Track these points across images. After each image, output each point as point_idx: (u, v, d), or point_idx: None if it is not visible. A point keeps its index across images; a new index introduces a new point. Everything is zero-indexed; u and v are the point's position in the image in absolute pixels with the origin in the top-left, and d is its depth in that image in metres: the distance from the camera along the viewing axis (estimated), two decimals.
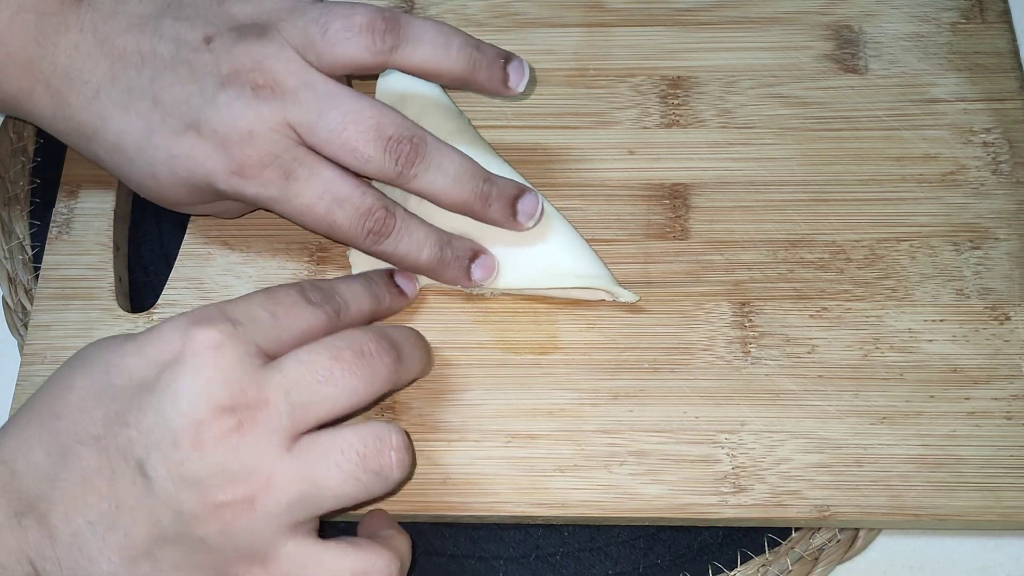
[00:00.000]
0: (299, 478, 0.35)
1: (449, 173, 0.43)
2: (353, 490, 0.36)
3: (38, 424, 0.36)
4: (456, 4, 0.53)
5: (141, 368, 0.36)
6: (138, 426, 0.35)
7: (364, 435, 0.36)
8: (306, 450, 0.36)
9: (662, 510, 0.42)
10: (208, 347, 0.36)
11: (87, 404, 0.36)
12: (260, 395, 0.36)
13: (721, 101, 0.50)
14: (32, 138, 0.53)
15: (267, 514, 0.35)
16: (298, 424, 0.36)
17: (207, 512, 0.35)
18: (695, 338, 0.45)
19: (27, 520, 0.35)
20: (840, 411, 0.43)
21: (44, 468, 0.36)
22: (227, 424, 0.35)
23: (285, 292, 0.39)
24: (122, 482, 0.35)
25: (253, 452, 0.35)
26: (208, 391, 0.35)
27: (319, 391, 0.36)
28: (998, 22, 0.52)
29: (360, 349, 0.37)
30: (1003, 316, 0.45)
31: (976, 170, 0.48)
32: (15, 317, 0.48)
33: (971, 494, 0.41)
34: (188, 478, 0.35)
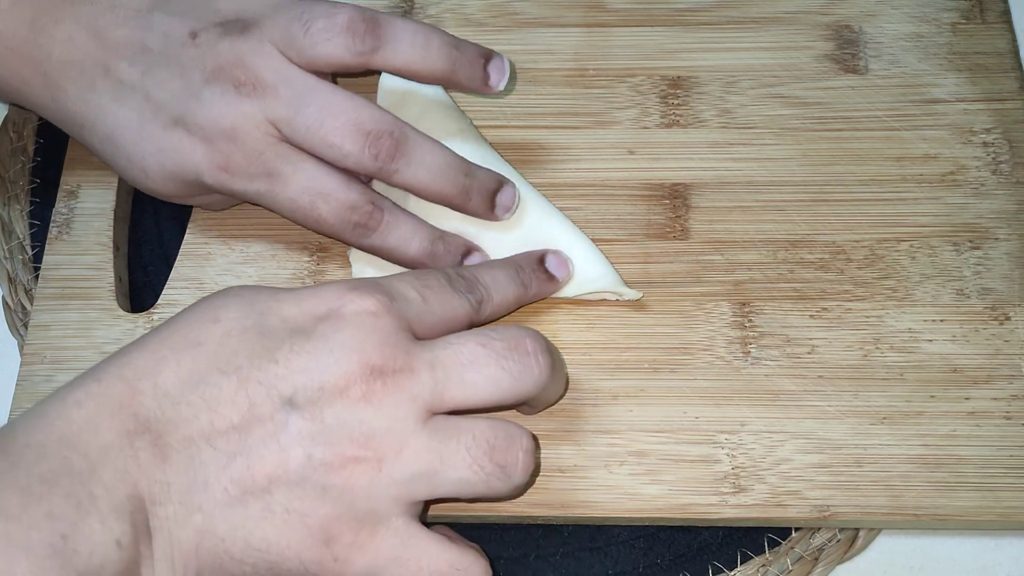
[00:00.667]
0: (428, 451, 0.35)
1: (430, 167, 0.43)
2: (475, 478, 0.36)
3: (174, 347, 0.36)
4: (455, 4, 0.53)
5: (297, 316, 0.36)
6: (287, 364, 0.35)
7: (497, 428, 0.37)
8: (440, 428, 0.36)
9: (662, 510, 0.42)
10: (366, 311, 0.36)
11: (234, 336, 0.36)
12: (408, 363, 0.36)
13: (721, 101, 0.50)
14: (32, 138, 0.53)
15: (391, 480, 0.35)
16: (437, 401, 0.36)
17: (337, 462, 0.35)
18: (695, 338, 0.45)
19: (140, 441, 0.34)
20: (840, 411, 0.43)
21: (172, 391, 0.35)
22: (375, 384, 0.35)
23: (434, 277, 0.40)
24: (259, 416, 0.35)
25: (392, 415, 0.35)
26: (363, 348, 0.35)
27: (463, 374, 0.36)
28: (998, 22, 0.52)
29: (515, 344, 0.37)
30: (1003, 316, 0.45)
31: (976, 170, 0.48)
32: (15, 317, 0.48)
33: (971, 494, 0.42)
34: (328, 424, 0.35)
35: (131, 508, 0.33)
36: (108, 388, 0.35)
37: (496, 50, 0.46)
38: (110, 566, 0.32)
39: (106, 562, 0.32)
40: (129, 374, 0.35)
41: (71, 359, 0.45)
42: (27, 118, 0.53)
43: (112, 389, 0.35)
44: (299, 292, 0.37)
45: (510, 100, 0.50)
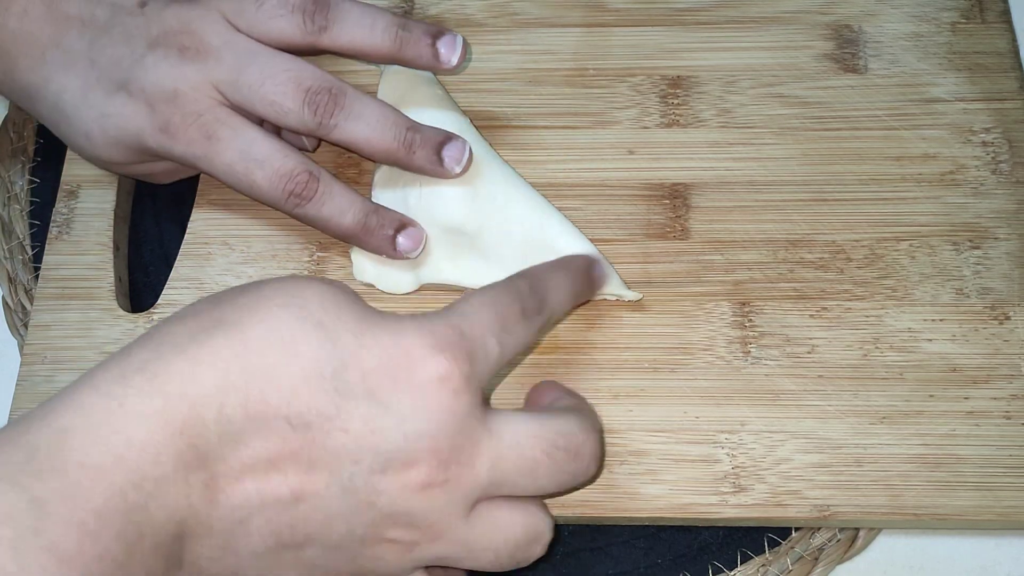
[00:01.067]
0: (460, 544, 0.36)
1: (370, 122, 0.43)
2: (489, 567, 0.37)
3: (247, 375, 0.33)
4: (456, 4, 0.53)
5: (377, 373, 0.34)
6: (358, 438, 0.33)
7: (528, 528, 0.36)
8: (481, 523, 0.36)
9: (662, 510, 0.42)
10: (447, 387, 0.34)
11: (311, 385, 0.33)
12: (471, 459, 0.35)
13: (721, 101, 0.50)
14: (32, 138, 0.53)
15: (418, 559, 0.36)
16: (485, 496, 0.36)
17: (375, 540, 0.35)
18: (695, 338, 0.45)
19: (194, 477, 0.32)
20: (840, 411, 0.43)
21: (236, 430, 0.32)
22: (437, 476, 0.34)
23: (511, 310, 0.37)
24: (316, 479, 0.33)
25: (442, 508, 0.35)
26: (435, 437, 0.34)
27: (517, 481, 0.36)
28: (998, 22, 0.52)
29: (576, 453, 0.36)
30: (1003, 316, 0.45)
31: (976, 170, 0.48)
32: (15, 317, 0.48)
33: (971, 494, 0.42)
34: (380, 507, 0.34)
35: (171, 544, 0.32)
36: (172, 408, 0.32)
37: (496, 50, 0.46)
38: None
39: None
40: (194, 393, 0.32)
41: (71, 359, 0.45)
42: (27, 118, 0.53)
43: (176, 411, 0.32)
44: (382, 335, 0.34)
45: (510, 100, 0.50)
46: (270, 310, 0.34)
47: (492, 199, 0.45)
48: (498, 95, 0.50)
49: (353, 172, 0.49)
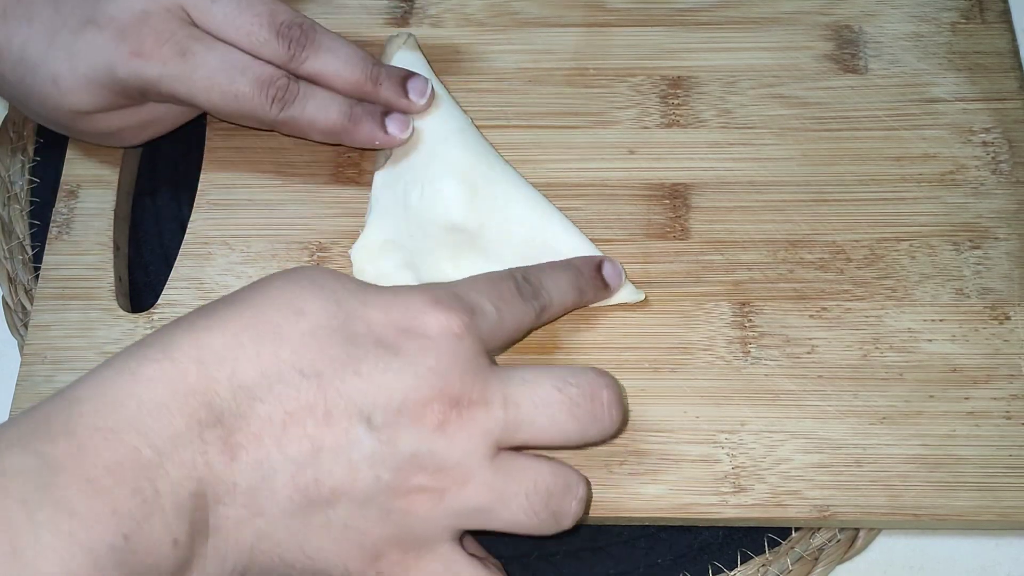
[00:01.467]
0: (490, 489, 0.36)
1: (339, 56, 0.45)
2: (528, 521, 0.36)
3: (257, 336, 0.34)
4: (456, 4, 0.53)
5: (383, 325, 0.36)
6: (370, 380, 0.34)
7: (558, 476, 0.37)
8: (505, 466, 0.36)
9: (662, 510, 0.42)
10: (451, 333, 0.36)
11: (319, 337, 0.35)
12: (484, 395, 0.36)
13: (721, 101, 0.50)
14: (32, 138, 0.53)
15: (450, 511, 0.35)
16: (507, 437, 0.36)
17: (403, 488, 0.35)
18: (695, 338, 0.45)
19: (210, 434, 0.33)
20: (840, 411, 0.43)
21: (249, 384, 0.34)
22: (451, 414, 0.35)
23: (505, 284, 0.40)
24: (335, 427, 0.34)
25: (464, 448, 0.35)
26: (446, 375, 0.35)
27: (535, 417, 0.36)
28: (998, 22, 0.52)
29: (590, 394, 0.37)
30: (1003, 316, 0.45)
31: (976, 170, 0.48)
32: (15, 317, 0.48)
33: (971, 494, 0.42)
34: (401, 449, 0.34)
35: (193, 506, 0.33)
36: (183, 371, 0.33)
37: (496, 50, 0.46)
38: (164, 563, 0.32)
39: (160, 560, 0.32)
40: (207, 357, 0.34)
41: (71, 359, 0.45)
42: (27, 118, 0.53)
43: (187, 372, 0.33)
44: (384, 296, 0.37)
45: (510, 100, 0.50)
46: (273, 283, 0.36)
47: (493, 198, 0.45)
48: (498, 95, 0.50)
49: (353, 172, 0.49)
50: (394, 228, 0.46)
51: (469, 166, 0.46)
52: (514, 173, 0.47)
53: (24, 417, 0.33)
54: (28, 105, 0.46)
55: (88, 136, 0.48)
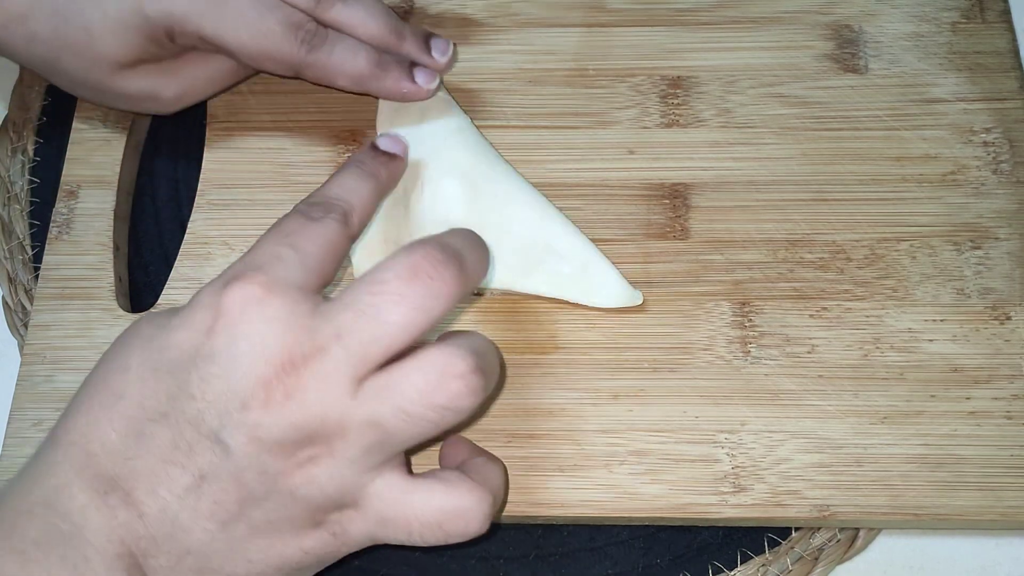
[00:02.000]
0: (368, 424, 0.34)
1: (365, 6, 0.46)
2: (423, 429, 0.35)
3: (102, 405, 0.36)
4: (456, 4, 0.53)
5: (190, 339, 0.35)
6: (204, 397, 0.34)
7: (426, 370, 0.35)
8: (370, 395, 0.34)
9: (662, 510, 0.42)
10: (250, 303, 0.35)
11: (147, 381, 0.35)
12: (314, 344, 0.34)
13: (721, 101, 0.50)
14: (32, 138, 0.53)
15: (347, 459, 0.35)
16: (358, 368, 0.34)
17: (290, 467, 0.35)
18: (695, 338, 0.45)
19: (112, 499, 0.34)
20: (840, 411, 0.43)
21: (119, 448, 0.35)
22: (290, 380, 0.34)
23: (290, 220, 0.38)
24: (201, 453, 0.34)
25: (320, 403, 0.34)
26: (264, 350, 0.34)
27: (372, 332, 0.34)
28: (998, 22, 0.52)
29: (412, 272, 0.35)
30: (1004, 316, 0.45)
31: (976, 170, 0.48)
32: (15, 317, 0.48)
33: (971, 494, 0.41)
34: (265, 439, 0.34)
35: (125, 565, 0.34)
36: (67, 455, 0.35)
37: (496, 50, 0.46)
38: None
39: None
40: (77, 438, 0.35)
41: (71, 359, 0.45)
42: (27, 118, 0.53)
43: (70, 455, 0.35)
44: (183, 312, 0.36)
45: (510, 100, 0.50)
46: (108, 351, 0.37)
47: (492, 197, 0.45)
48: (498, 95, 0.50)
49: None
50: (395, 228, 0.46)
51: (469, 166, 0.46)
52: (514, 173, 0.47)
53: None
54: (60, 64, 0.45)
55: (123, 101, 0.47)
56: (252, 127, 0.50)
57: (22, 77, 0.54)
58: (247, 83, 0.51)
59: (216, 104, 0.51)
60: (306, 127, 0.50)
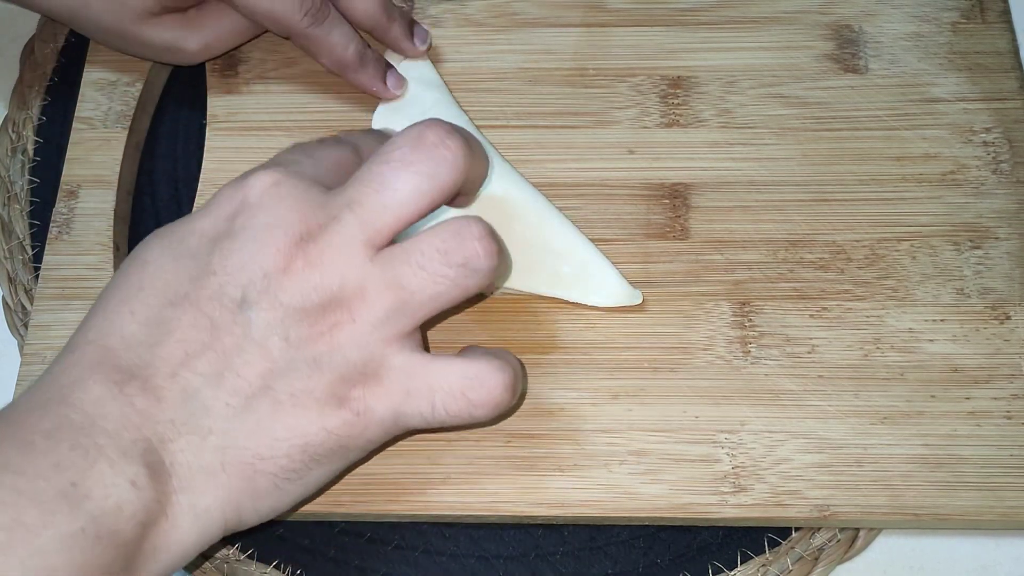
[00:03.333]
0: (387, 285, 0.36)
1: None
2: (444, 288, 0.36)
3: (121, 300, 0.36)
4: (456, 4, 0.53)
5: (212, 225, 0.37)
6: (225, 271, 0.36)
7: (441, 232, 0.36)
8: (387, 258, 0.36)
9: (662, 510, 0.42)
10: (268, 187, 0.36)
11: (167, 269, 0.36)
12: (328, 214, 0.36)
13: (721, 101, 0.50)
14: (32, 138, 0.53)
15: (369, 324, 0.36)
16: (372, 235, 0.36)
17: (314, 332, 0.35)
18: (695, 338, 0.45)
19: (130, 388, 0.35)
20: (840, 411, 0.43)
21: (139, 338, 0.35)
22: (308, 247, 0.36)
23: (312, 142, 0.41)
24: (223, 326, 0.35)
25: (339, 267, 0.36)
26: (283, 222, 0.36)
27: (381, 198, 0.36)
28: (998, 22, 0.52)
29: (416, 143, 0.37)
30: (1004, 316, 0.45)
31: (976, 169, 0.48)
32: (15, 317, 0.48)
33: (972, 494, 0.41)
34: (288, 304, 0.35)
35: (141, 450, 0.34)
36: (82, 354, 0.35)
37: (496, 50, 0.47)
38: (128, 506, 0.33)
39: (123, 503, 0.33)
40: (94, 336, 0.36)
41: None
42: (27, 118, 0.53)
43: (86, 353, 0.35)
44: (204, 207, 0.38)
45: (510, 100, 0.50)
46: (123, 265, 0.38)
47: (491, 195, 0.45)
48: (498, 95, 0.50)
49: None
50: None
51: None
52: (514, 172, 0.47)
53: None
54: (88, 11, 0.47)
55: (149, 50, 0.49)
56: (252, 127, 0.50)
57: (22, 77, 0.54)
58: (247, 83, 0.51)
59: (216, 104, 0.51)
60: (306, 127, 0.50)
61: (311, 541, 0.44)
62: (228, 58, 0.51)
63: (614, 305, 0.45)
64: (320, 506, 0.42)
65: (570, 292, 0.45)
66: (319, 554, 0.43)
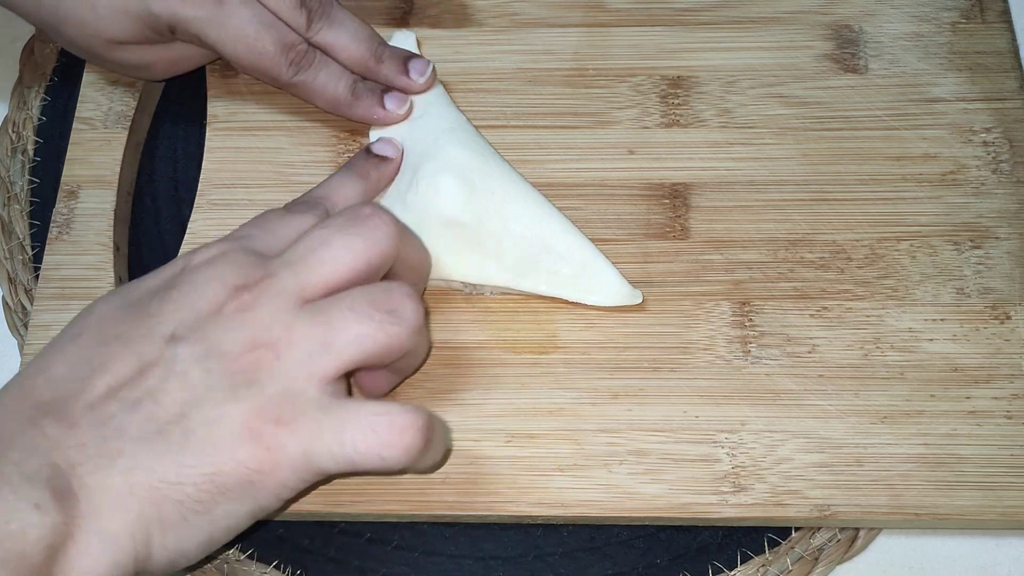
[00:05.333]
0: (315, 326, 0.37)
1: (349, 31, 0.48)
2: (369, 329, 0.37)
3: (58, 348, 0.37)
4: (456, 4, 0.53)
5: (155, 283, 0.39)
6: (160, 313, 0.37)
7: (372, 287, 0.38)
8: (318, 306, 0.37)
9: (662, 509, 0.42)
10: (214, 255, 0.38)
11: (108, 318, 0.38)
12: (266, 271, 0.38)
13: (721, 101, 0.50)
14: (32, 138, 0.53)
15: (292, 361, 0.36)
16: (306, 288, 0.37)
17: (236, 366, 0.36)
18: (695, 337, 0.45)
19: (44, 420, 0.35)
20: (840, 411, 0.43)
21: (64, 376, 0.36)
22: (243, 296, 0.37)
23: (269, 213, 0.42)
24: (149, 360, 0.36)
25: (269, 311, 0.37)
26: (222, 276, 0.37)
27: (317, 255, 0.38)
28: (998, 22, 0.52)
29: (354, 214, 0.39)
30: (1003, 315, 0.45)
31: (976, 169, 0.48)
32: (15, 317, 0.48)
33: (971, 493, 0.41)
34: (215, 340, 0.36)
35: (47, 475, 0.34)
36: (5, 392, 0.36)
37: (496, 50, 0.47)
38: (33, 531, 0.33)
39: (27, 527, 0.32)
40: (23, 379, 0.37)
41: None
42: (27, 118, 0.53)
43: (8, 394, 0.36)
44: (156, 270, 0.39)
45: (510, 100, 0.50)
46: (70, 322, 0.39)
47: (490, 195, 0.45)
48: (498, 95, 0.50)
49: None
50: None
51: (466, 163, 0.46)
52: (513, 172, 0.47)
53: None
54: (62, 30, 0.48)
55: (116, 67, 0.50)
56: (252, 127, 0.50)
57: (22, 77, 0.54)
58: (247, 83, 0.51)
59: (216, 104, 0.51)
60: (306, 127, 0.50)
61: (311, 541, 0.44)
62: None
63: (614, 305, 0.45)
64: (320, 506, 0.42)
65: (570, 292, 0.45)
66: (319, 554, 0.43)
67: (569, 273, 0.45)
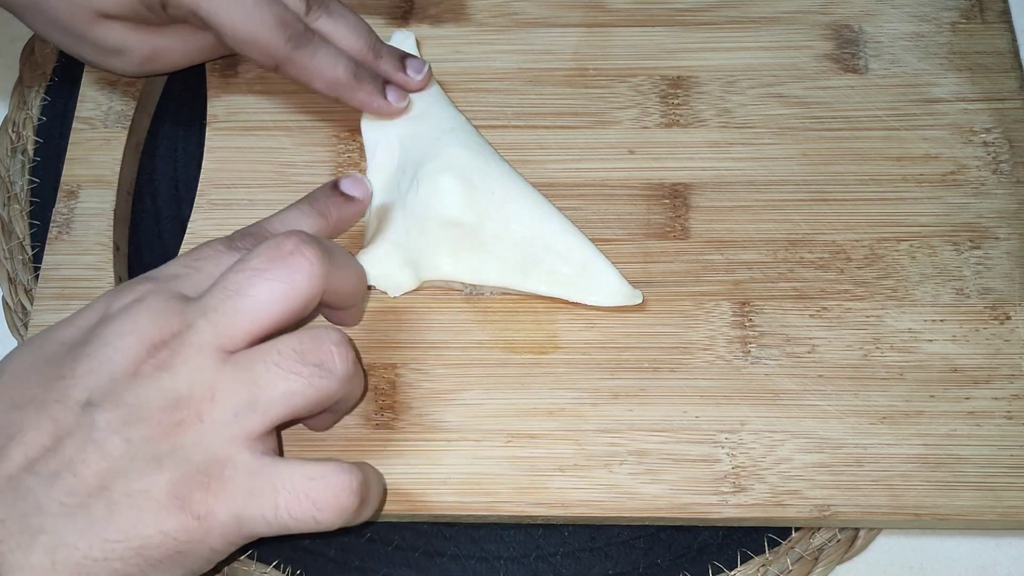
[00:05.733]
0: (239, 383, 0.35)
1: (348, 23, 0.47)
2: (297, 385, 0.35)
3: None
4: (456, 4, 0.53)
5: (71, 334, 0.37)
6: (74, 374, 0.35)
7: (299, 336, 0.36)
8: (242, 360, 0.35)
9: (662, 510, 0.42)
10: (131, 302, 0.36)
11: (21, 377, 0.36)
12: (183, 321, 0.36)
13: (721, 101, 0.50)
14: (32, 138, 0.53)
15: (216, 423, 0.35)
16: (226, 339, 0.35)
17: (157, 432, 0.34)
18: (695, 338, 0.45)
19: None
20: (840, 411, 0.43)
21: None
22: (160, 354, 0.35)
23: (207, 246, 0.40)
24: (65, 428, 0.34)
25: (189, 369, 0.35)
26: (137, 330, 0.35)
27: (237, 303, 0.36)
28: (998, 22, 0.52)
29: (272, 252, 0.36)
30: (1003, 316, 0.45)
31: (976, 170, 0.48)
32: (15, 317, 0.48)
33: (971, 494, 0.41)
34: (132, 405, 0.34)
35: None
36: None
37: (496, 50, 0.46)
38: None
39: None
40: None
41: None
42: (27, 118, 0.53)
43: None
44: (69, 317, 0.38)
45: (510, 100, 0.50)
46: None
47: (490, 194, 0.45)
48: (498, 95, 0.50)
49: (352, 172, 0.49)
50: (394, 229, 0.46)
51: (466, 163, 0.46)
52: (512, 172, 0.47)
53: None
54: (46, 4, 0.46)
55: (91, 50, 0.48)
56: (252, 127, 0.50)
57: (22, 77, 0.54)
58: (247, 83, 0.51)
59: (216, 104, 0.51)
60: (306, 127, 0.50)
61: (311, 541, 0.44)
62: (228, 58, 0.51)
63: (614, 305, 0.45)
64: None
65: (570, 292, 0.45)
66: (319, 554, 0.43)
67: (569, 273, 0.45)
